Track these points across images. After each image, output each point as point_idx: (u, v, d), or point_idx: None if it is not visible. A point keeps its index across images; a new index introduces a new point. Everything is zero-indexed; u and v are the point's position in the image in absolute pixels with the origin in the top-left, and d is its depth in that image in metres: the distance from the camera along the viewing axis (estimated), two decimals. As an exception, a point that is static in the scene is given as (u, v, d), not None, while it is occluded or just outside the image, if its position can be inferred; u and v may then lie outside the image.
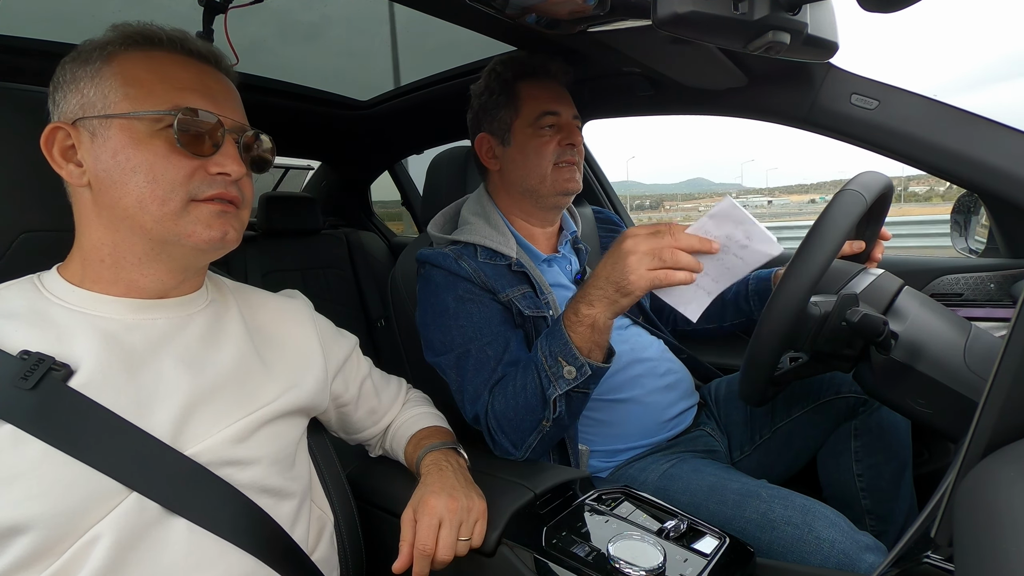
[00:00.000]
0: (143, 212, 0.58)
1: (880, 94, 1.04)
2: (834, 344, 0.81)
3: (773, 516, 0.82)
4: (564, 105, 1.07)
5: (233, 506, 0.61)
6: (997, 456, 0.40)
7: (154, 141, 0.58)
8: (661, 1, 0.58)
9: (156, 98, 0.59)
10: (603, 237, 1.25)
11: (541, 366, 0.83)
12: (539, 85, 1.07)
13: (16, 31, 1.21)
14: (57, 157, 0.59)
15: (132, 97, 0.58)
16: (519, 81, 1.07)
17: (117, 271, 0.61)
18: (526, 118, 1.06)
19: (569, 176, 1.06)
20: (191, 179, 0.60)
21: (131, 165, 0.58)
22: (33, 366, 0.53)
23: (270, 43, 1.47)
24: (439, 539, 0.69)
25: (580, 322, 0.80)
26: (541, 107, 1.05)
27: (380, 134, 2.02)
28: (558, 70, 1.08)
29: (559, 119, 1.06)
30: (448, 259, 0.99)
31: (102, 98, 0.58)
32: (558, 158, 1.05)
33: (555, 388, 0.81)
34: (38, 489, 0.51)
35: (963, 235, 1.29)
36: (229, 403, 0.64)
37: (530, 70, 1.08)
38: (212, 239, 0.61)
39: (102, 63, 0.59)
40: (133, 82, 0.59)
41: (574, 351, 0.80)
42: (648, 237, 0.73)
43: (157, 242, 0.60)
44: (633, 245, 0.74)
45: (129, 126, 0.58)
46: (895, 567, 0.52)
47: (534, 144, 1.05)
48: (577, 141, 1.07)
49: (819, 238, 0.77)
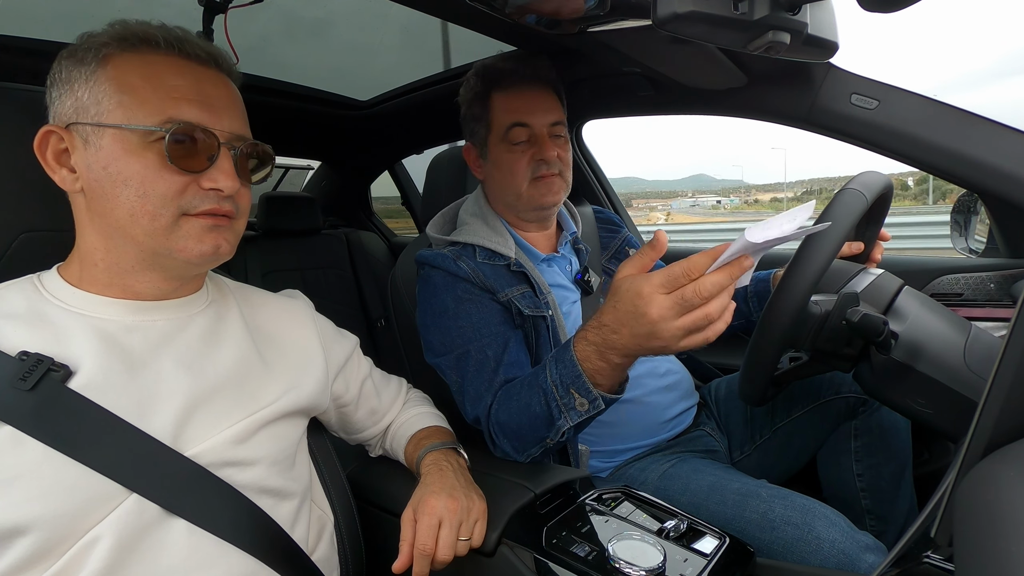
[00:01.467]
0: (134, 225, 0.57)
1: (880, 94, 1.04)
2: (834, 344, 0.81)
3: (773, 516, 0.82)
4: (537, 113, 1.00)
5: (233, 507, 0.61)
6: (997, 456, 0.40)
7: (146, 154, 0.57)
8: (661, 1, 0.58)
9: (150, 108, 0.57)
10: (603, 237, 1.25)
11: (551, 394, 0.77)
12: (510, 95, 1.01)
13: (16, 31, 1.21)
14: (51, 161, 0.59)
15: (125, 105, 0.57)
16: (491, 91, 1.02)
17: (112, 276, 0.61)
18: (497, 132, 1.02)
19: (546, 190, 1.02)
20: (183, 194, 0.58)
21: (122, 177, 0.56)
22: (32, 367, 0.53)
23: (270, 43, 1.47)
24: (439, 539, 0.69)
25: (607, 366, 0.71)
26: (510, 119, 1.00)
27: (380, 134, 2.03)
28: (533, 71, 1.01)
29: (531, 130, 1.00)
30: (447, 260, 0.99)
31: (95, 104, 0.57)
32: (533, 173, 1.01)
33: (566, 419, 0.76)
34: (38, 490, 0.51)
35: (963, 235, 1.29)
36: (229, 404, 0.64)
37: (500, 78, 1.01)
38: (204, 253, 0.60)
39: (97, 64, 0.57)
40: (127, 89, 0.57)
41: (588, 385, 0.73)
42: (673, 303, 0.61)
43: (149, 253, 0.59)
44: (660, 316, 0.61)
45: (122, 136, 0.56)
46: (895, 567, 0.52)
47: (506, 160, 1.02)
48: (550, 157, 1.00)
49: (820, 237, 0.77)
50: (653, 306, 0.61)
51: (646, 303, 0.62)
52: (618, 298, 0.66)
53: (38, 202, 0.65)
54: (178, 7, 1.01)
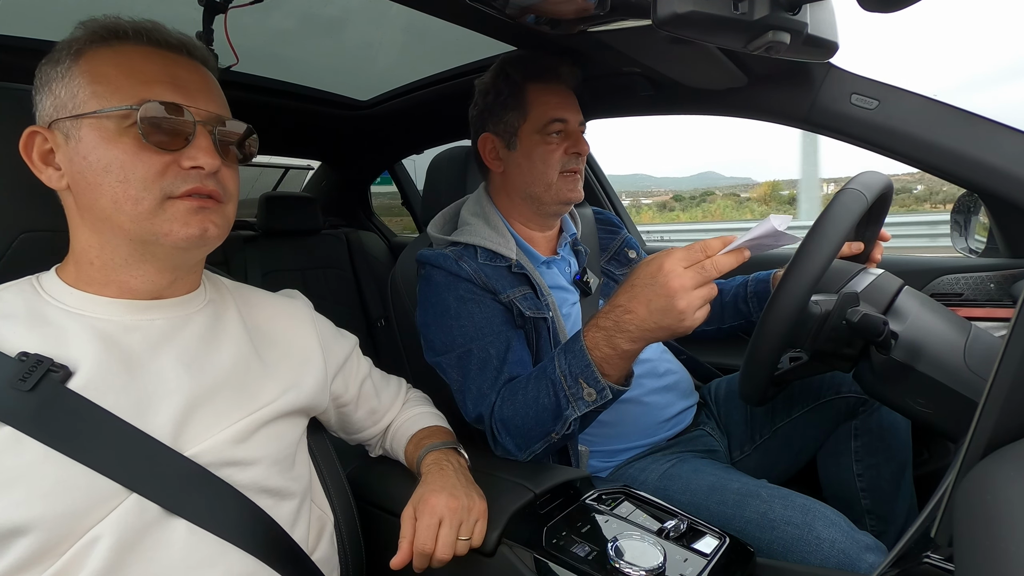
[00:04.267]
0: (119, 212, 0.57)
1: (880, 94, 1.04)
2: (834, 344, 0.81)
3: (773, 516, 0.82)
4: (572, 111, 1.05)
5: (233, 507, 0.61)
6: (997, 456, 0.40)
7: (123, 139, 0.57)
8: (661, 1, 0.57)
9: (123, 94, 0.57)
10: (603, 238, 1.25)
11: (559, 384, 0.79)
12: (548, 89, 1.04)
13: (16, 31, 1.21)
14: (36, 161, 0.59)
15: (99, 95, 0.57)
16: (528, 83, 1.04)
17: (107, 273, 0.61)
18: (534, 123, 1.04)
19: (572, 186, 1.06)
20: (163, 176, 0.58)
21: (102, 165, 0.56)
22: (31, 368, 0.53)
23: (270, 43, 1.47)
24: (438, 538, 0.69)
25: (615, 353, 0.75)
26: (550, 113, 1.03)
27: (380, 134, 2.03)
28: (568, 73, 1.06)
29: (567, 126, 1.04)
30: (448, 260, 0.99)
31: (71, 98, 0.57)
32: (563, 166, 1.04)
33: (574, 409, 0.78)
34: (38, 491, 0.51)
35: (963, 235, 1.29)
36: (229, 404, 0.64)
37: (540, 72, 1.05)
38: (190, 236, 0.59)
39: (71, 62, 0.58)
40: (100, 79, 0.57)
41: (597, 375, 0.76)
42: (694, 274, 0.68)
43: (137, 242, 0.59)
44: (681, 286, 0.67)
45: (99, 125, 0.57)
46: (895, 567, 0.52)
47: (541, 151, 1.04)
48: (583, 150, 1.05)
49: (820, 237, 0.77)
50: (674, 277, 0.68)
51: (667, 275, 0.68)
52: (636, 276, 0.72)
53: (38, 202, 0.65)
54: (178, 7, 1.01)
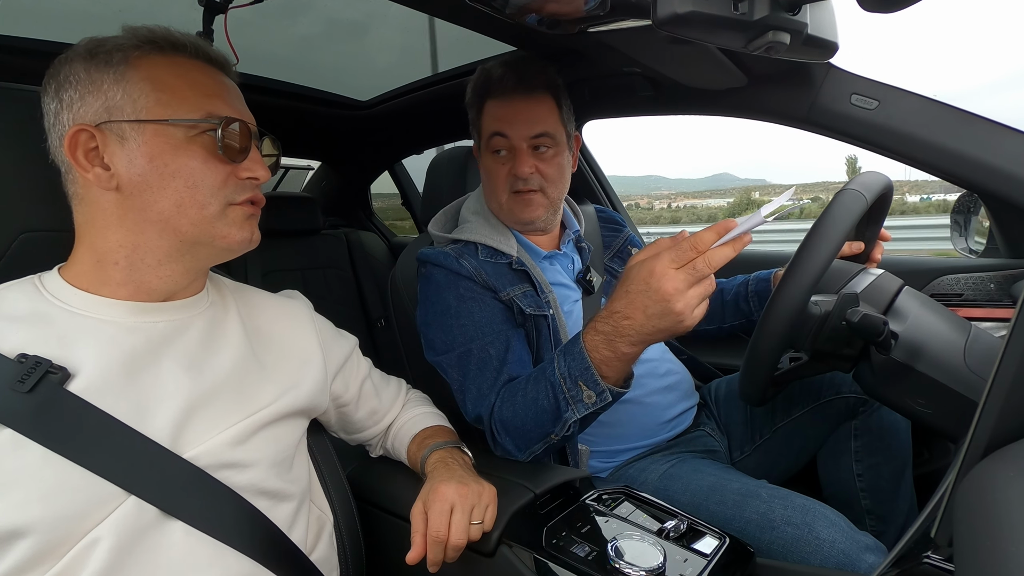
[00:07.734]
0: (181, 215, 0.60)
1: (880, 94, 1.04)
2: (834, 344, 0.81)
3: (773, 516, 0.82)
4: (517, 125, 0.96)
5: (231, 509, 0.61)
6: (997, 456, 0.40)
7: (191, 147, 0.60)
8: (661, 1, 0.57)
9: (189, 105, 0.60)
10: (605, 236, 1.25)
11: (559, 387, 0.78)
12: (498, 103, 0.98)
13: (16, 31, 1.21)
14: (82, 160, 0.59)
15: (165, 103, 0.59)
16: (486, 99, 1.00)
17: (131, 273, 0.61)
18: (483, 139, 1.01)
19: (524, 206, 1.00)
20: (226, 184, 0.62)
21: (170, 170, 0.59)
22: (30, 369, 0.53)
23: (270, 43, 1.47)
24: (452, 524, 0.69)
25: (615, 356, 0.73)
26: (492, 127, 0.98)
27: (380, 134, 2.03)
28: (518, 79, 0.97)
29: (508, 142, 0.97)
30: (449, 258, 0.99)
31: (131, 102, 0.58)
32: (511, 187, 0.99)
33: (573, 412, 0.78)
34: (38, 493, 0.51)
35: (963, 235, 1.29)
36: (227, 406, 0.64)
37: (490, 86, 0.99)
38: (243, 240, 0.64)
39: (125, 66, 0.59)
40: (164, 88, 0.59)
41: (596, 377, 0.75)
42: (686, 275, 0.64)
43: (188, 243, 0.62)
44: (675, 289, 0.65)
45: (164, 131, 0.59)
46: (895, 567, 0.52)
47: (488, 168, 1.01)
48: (522, 173, 0.97)
49: (820, 237, 0.77)
50: (667, 280, 0.65)
51: (659, 280, 0.65)
52: (630, 281, 0.69)
53: (38, 202, 0.65)
54: (178, 7, 1.01)
